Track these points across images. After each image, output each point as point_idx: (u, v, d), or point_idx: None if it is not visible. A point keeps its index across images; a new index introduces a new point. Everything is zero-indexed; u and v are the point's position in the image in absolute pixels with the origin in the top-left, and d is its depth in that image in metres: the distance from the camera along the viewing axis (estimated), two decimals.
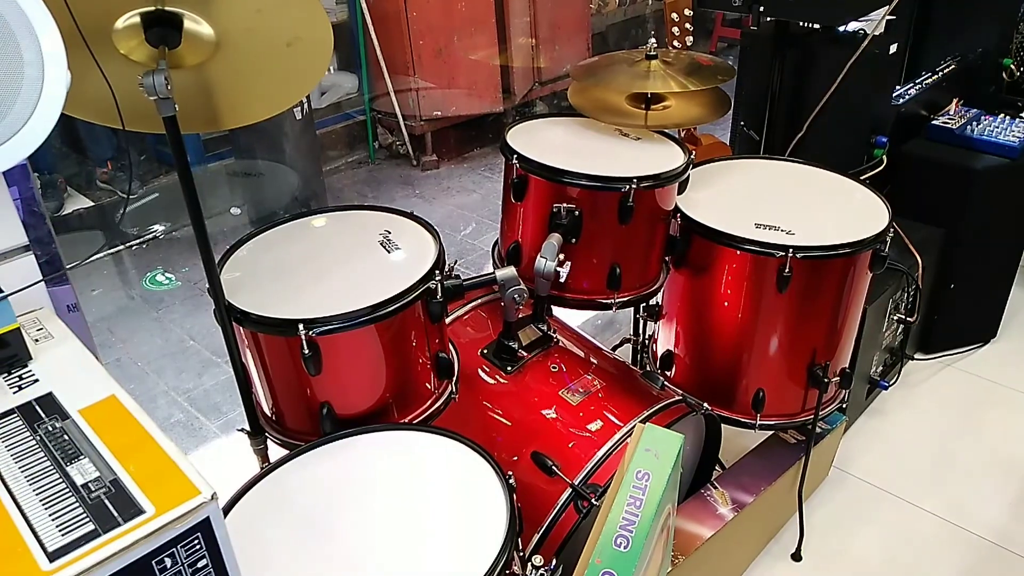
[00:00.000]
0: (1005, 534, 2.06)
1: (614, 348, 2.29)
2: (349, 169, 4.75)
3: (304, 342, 1.24)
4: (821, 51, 2.18)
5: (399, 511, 1.14)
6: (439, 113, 4.59)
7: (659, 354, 1.96)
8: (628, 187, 1.57)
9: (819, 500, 2.15)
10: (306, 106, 4.05)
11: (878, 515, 2.13)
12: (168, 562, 0.63)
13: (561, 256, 1.57)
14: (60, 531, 0.62)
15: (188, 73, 1.22)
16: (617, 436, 1.48)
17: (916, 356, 2.65)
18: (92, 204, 4.15)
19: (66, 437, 0.73)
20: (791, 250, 1.61)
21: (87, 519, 0.63)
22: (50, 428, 0.73)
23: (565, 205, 1.61)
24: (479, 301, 1.80)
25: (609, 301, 1.71)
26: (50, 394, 0.79)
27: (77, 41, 1.01)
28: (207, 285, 1.27)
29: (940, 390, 2.56)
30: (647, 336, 2.10)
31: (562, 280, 1.56)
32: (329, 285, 1.36)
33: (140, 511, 0.64)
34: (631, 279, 1.72)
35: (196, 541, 0.64)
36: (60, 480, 0.67)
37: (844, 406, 1.99)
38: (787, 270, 1.61)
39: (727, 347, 1.79)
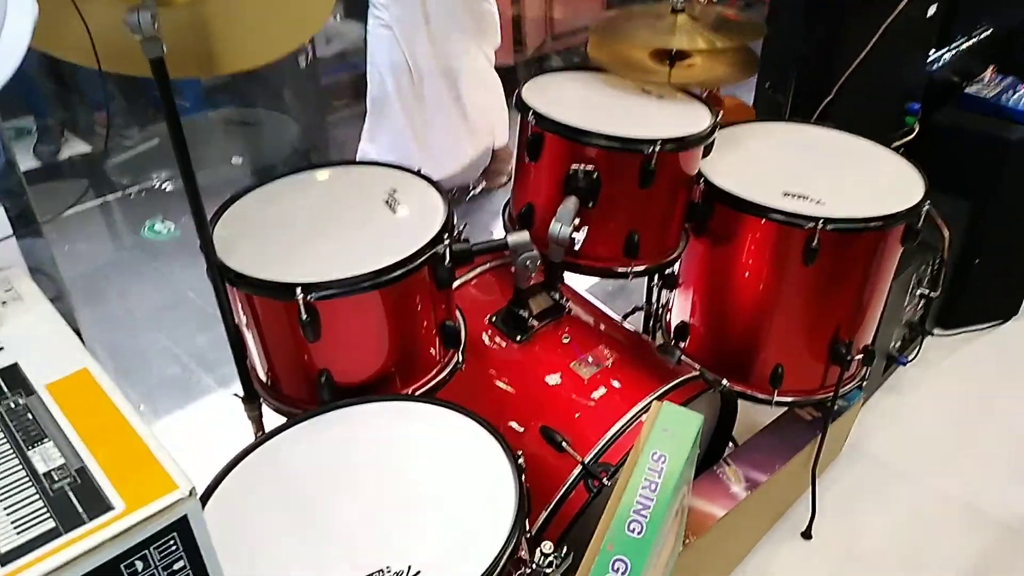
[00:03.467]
0: (1022, 518, 2.00)
1: (625, 316, 2.20)
2: (354, 120, 4.61)
3: (302, 307, 1.16)
4: (856, 10, 2.05)
5: (399, 490, 1.07)
6: None
7: (673, 325, 1.88)
8: (651, 149, 1.48)
9: (831, 478, 2.09)
10: (310, 54, 3.92)
11: (891, 495, 2.07)
12: (139, 565, 0.55)
13: (577, 221, 1.48)
14: (15, 528, 0.55)
15: (179, 12, 1.12)
16: (631, 413, 1.41)
17: (935, 331, 2.57)
18: (91, 149, 4.04)
19: (30, 416, 0.64)
20: (820, 221, 1.51)
21: (47, 515, 0.56)
22: (12, 405, 0.65)
23: (583, 167, 1.51)
24: (488, 265, 1.71)
25: (625, 270, 1.62)
26: (15, 365, 0.70)
27: None
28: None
29: (959, 367, 2.48)
30: (661, 305, 2.01)
31: (577, 247, 1.47)
32: (330, 246, 1.27)
33: (108, 507, 0.56)
34: (649, 247, 1.63)
35: (172, 542, 0.56)
36: (19, 467, 0.60)
37: (864, 383, 1.91)
38: (815, 242, 1.52)
39: (746, 320, 1.71)
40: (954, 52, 2.41)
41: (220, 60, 1.21)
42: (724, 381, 1.58)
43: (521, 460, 1.09)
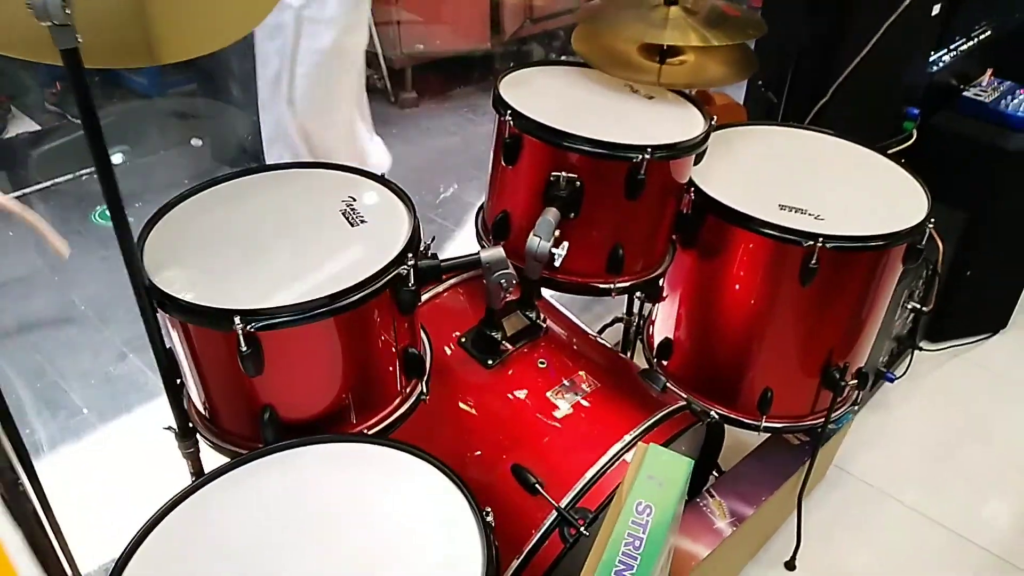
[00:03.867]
0: (1010, 548, 1.91)
1: (604, 328, 2.08)
2: None
3: (241, 338, 1.00)
4: (857, 6, 1.92)
5: (350, 552, 0.93)
6: (421, 47, 4.27)
7: (656, 340, 1.76)
8: (640, 157, 1.34)
9: (815, 501, 1.98)
10: None
11: (877, 519, 1.97)
12: None
13: (557, 234, 1.34)
14: None
15: None
16: (612, 451, 1.28)
17: (922, 346, 2.47)
18: (39, 128, 3.81)
19: None
20: (820, 239, 1.39)
21: None
22: None
23: (565, 174, 1.37)
24: (457, 279, 1.57)
25: (608, 286, 1.49)
26: None
27: None
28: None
29: (947, 383, 2.39)
30: (642, 318, 1.88)
31: (558, 263, 1.33)
32: (277, 264, 1.11)
33: None
34: (634, 261, 1.50)
35: None
36: None
37: (857, 407, 1.81)
38: (813, 261, 1.40)
39: (735, 340, 1.59)
40: (953, 54, 2.29)
41: (156, 48, 1.05)
42: (713, 413, 1.45)
43: (490, 518, 0.96)
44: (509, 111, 1.41)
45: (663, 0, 1.57)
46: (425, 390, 1.24)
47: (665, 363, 1.73)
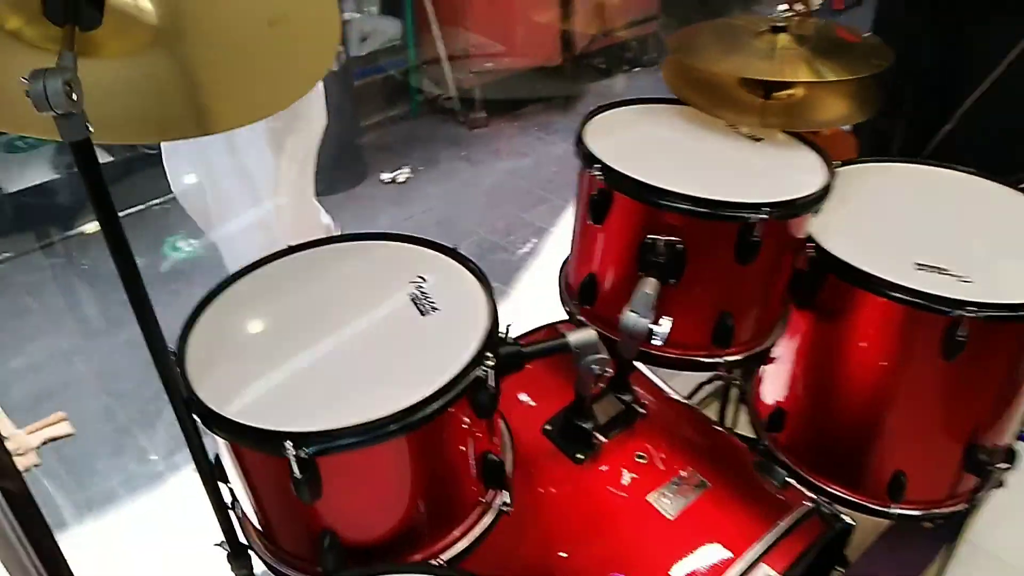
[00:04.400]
0: None
1: (698, 388, 1.88)
2: (389, 125, 4.32)
3: (294, 464, 0.85)
4: (988, 19, 1.68)
5: None
6: (491, 65, 4.12)
7: (765, 408, 1.55)
8: (754, 217, 1.14)
9: None
10: (343, 54, 3.61)
11: None
12: None
13: (655, 297, 1.15)
14: None
15: (121, 65, 0.81)
16: (734, 573, 1.08)
17: None
18: (111, 159, 3.79)
19: None
20: (968, 307, 1.17)
21: None
22: None
23: (664, 237, 1.18)
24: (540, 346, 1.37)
25: (715, 360, 1.29)
26: None
27: None
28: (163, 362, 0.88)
29: None
30: (747, 381, 1.68)
31: (659, 342, 1.15)
32: (339, 367, 0.96)
33: None
34: (744, 331, 1.30)
35: None
36: None
37: (1002, 484, 1.56)
38: (960, 333, 1.18)
39: (861, 417, 1.37)
40: None
41: (181, 122, 0.90)
42: (845, 518, 1.24)
43: None
44: (597, 164, 1.24)
45: (769, 26, 1.37)
46: (509, 500, 1.07)
47: (777, 435, 1.52)
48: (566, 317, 1.43)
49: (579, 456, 1.24)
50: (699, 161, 1.30)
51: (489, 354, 0.93)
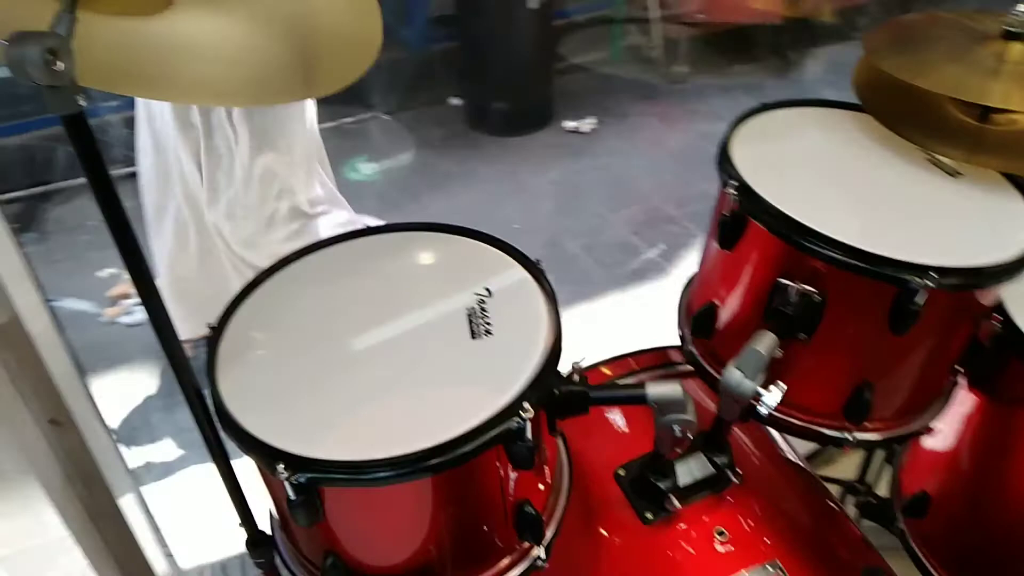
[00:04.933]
0: None
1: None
2: (583, 71, 4.11)
3: (288, 487, 0.76)
4: None
5: None
6: (703, 16, 3.80)
7: (908, 485, 1.29)
8: (916, 283, 0.90)
9: None
10: None
11: None
12: None
13: (767, 358, 0.95)
14: None
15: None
16: None
17: None
18: None
19: None
20: None
21: None
22: None
23: (800, 285, 0.96)
24: (611, 393, 1.13)
25: (843, 436, 1.06)
26: None
27: None
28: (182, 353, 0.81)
29: None
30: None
31: (764, 412, 0.95)
32: (364, 385, 0.84)
33: None
34: (887, 407, 1.06)
35: None
36: None
37: None
38: None
39: None
40: None
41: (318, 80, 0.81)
42: None
43: None
44: (734, 180, 1.02)
45: (1003, 30, 1.06)
46: (544, 556, 0.93)
47: (916, 522, 1.27)
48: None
49: (648, 516, 1.06)
50: (869, 194, 1.04)
51: (527, 405, 0.78)
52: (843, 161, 1.10)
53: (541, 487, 0.94)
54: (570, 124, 3.69)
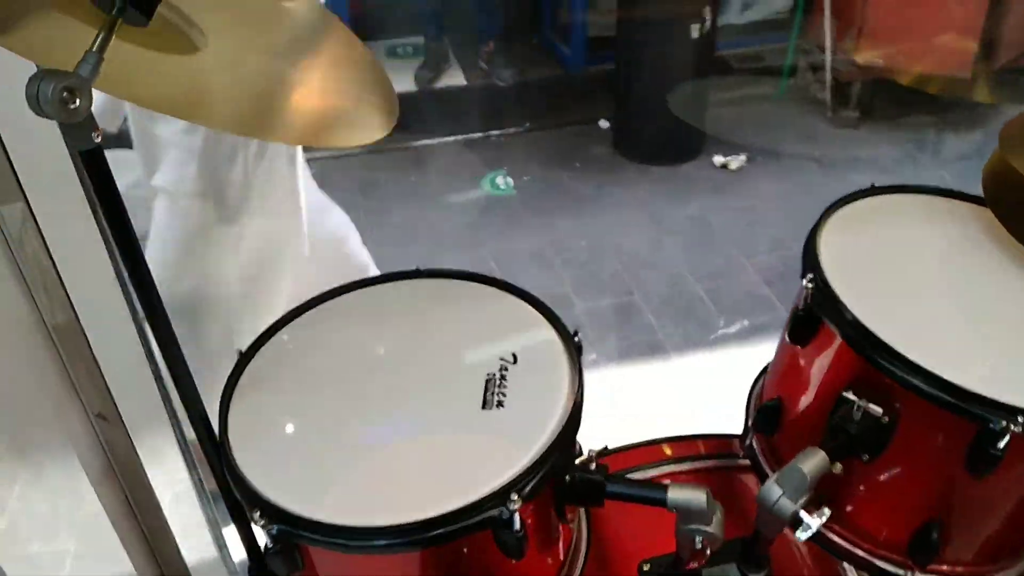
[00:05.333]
0: None
1: None
2: (743, 104, 3.93)
3: (265, 534, 0.76)
4: None
5: None
6: (880, 63, 3.54)
7: None
8: (998, 425, 0.77)
9: None
10: (707, 23, 3.31)
11: None
12: None
13: (809, 480, 0.84)
14: None
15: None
16: None
17: None
18: (465, 84, 3.95)
19: None
20: None
21: None
22: None
23: (866, 404, 0.85)
24: (628, 490, 0.91)
25: (906, 575, 0.94)
26: None
27: None
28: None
29: None
30: None
31: (803, 537, 0.85)
32: (361, 441, 0.82)
33: None
34: (961, 551, 0.92)
35: None
36: None
37: None
38: None
39: None
40: None
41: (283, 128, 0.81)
42: None
43: None
44: (814, 271, 0.93)
45: None
46: None
47: None
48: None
49: None
50: (968, 308, 0.91)
51: (514, 496, 0.73)
52: (947, 265, 0.97)
53: (544, 569, 0.89)
54: (719, 159, 3.55)
